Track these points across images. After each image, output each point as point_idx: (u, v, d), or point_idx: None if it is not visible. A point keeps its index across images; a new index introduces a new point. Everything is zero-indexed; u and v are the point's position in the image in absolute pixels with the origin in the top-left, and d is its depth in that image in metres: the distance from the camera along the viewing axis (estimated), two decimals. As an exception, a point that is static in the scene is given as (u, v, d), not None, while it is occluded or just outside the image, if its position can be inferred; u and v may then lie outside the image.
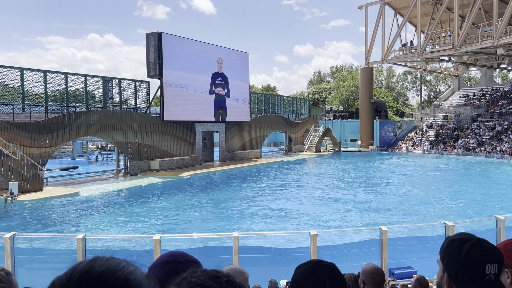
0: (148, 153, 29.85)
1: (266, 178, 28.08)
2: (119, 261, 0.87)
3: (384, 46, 51.28)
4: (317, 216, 16.85)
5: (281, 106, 48.66)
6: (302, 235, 10.19)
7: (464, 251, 1.54)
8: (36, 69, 24.64)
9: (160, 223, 15.96)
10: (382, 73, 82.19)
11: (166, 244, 8.16)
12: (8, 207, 18.56)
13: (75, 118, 25.08)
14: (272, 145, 61.46)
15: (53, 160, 38.22)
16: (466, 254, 1.53)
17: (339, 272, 1.62)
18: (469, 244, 1.55)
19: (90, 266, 0.83)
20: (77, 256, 7.91)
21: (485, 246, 1.56)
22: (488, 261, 1.52)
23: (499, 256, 1.56)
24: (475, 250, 1.54)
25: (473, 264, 1.52)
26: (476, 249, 1.54)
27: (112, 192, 22.67)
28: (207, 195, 21.99)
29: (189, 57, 32.43)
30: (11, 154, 20.72)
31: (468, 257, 1.53)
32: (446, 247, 1.62)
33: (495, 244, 1.64)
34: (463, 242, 1.57)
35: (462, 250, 1.54)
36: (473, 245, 1.55)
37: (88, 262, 0.85)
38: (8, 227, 14.80)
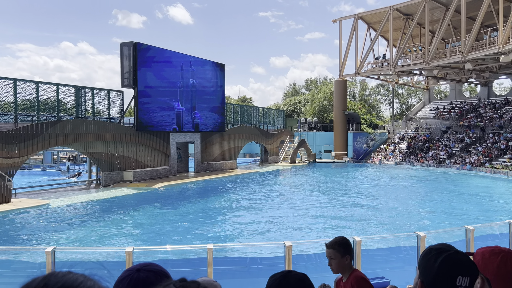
0: (121, 164, 29.36)
1: (242, 189, 28.00)
2: (76, 276, 0.82)
3: (357, 59, 52.36)
4: (292, 226, 16.88)
5: (256, 117, 48.83)
6: (277, 246, 10.18)
7: (439, 261, 1.57)
8: (6, 77, 24.00)
9: (133, 235, 15.66)
10: (356, 86, 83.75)
11: (139, 257, 8.00)
12: (-27, 220, 17.85)
13: (46, 127, 24.47)
14: (247, 155, 61.48)
15: (22, 171, 37.14)
16: (440, 264, 1.56)
17: (309, 282, 1.64)
18: (445, 255, 1.58)
19: (44, 284, 0.78)
20: (46, 269, 7.66)
21: (460, 258, 1.58)
22: (460, 273, 1.55)
23: (473, 270, 1.58)
24: (449, 261, 1.57)
25: (445, 274, 1.55)
26: (450, 261, 1.57)
27: (83, 203, 22.13)
28: (182, 206, 21.75)
29: (164, 67, 32.26)
30: (-22, 165, 20.02)
31: (441, 267, 1.56)
32: (424, 255, 1.65)
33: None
34: (440, 252, 1.60)
35: (437, 260, 1.57)
36: (448, 256, 1.58)
37: (42, 279, 0.80)
38: (-27, 240, 14.22)
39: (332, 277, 4.71)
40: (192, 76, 35.32)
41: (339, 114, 53.90)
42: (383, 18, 49.12)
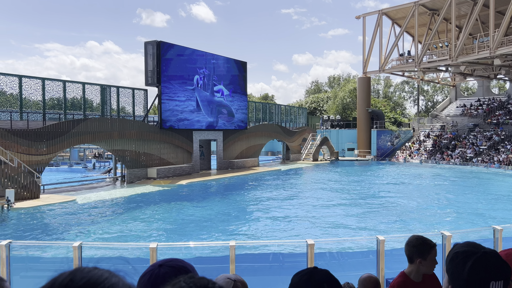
0: (145, 161, 29.81)
1: (264, 187, 28.04)
2: (101, 272, 0.83)
3: (381, 55, 51.61)
4: (315, 224, 16.81)
5: (278, 115, 48.75)
6: (299, 244, 10.15)
7: (468, 267, 1.47)
8: (35, 76, 24.67)
9: (157, 231, 15.89)
10: (380, 83, 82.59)
11: (162, 253, 8.12)
12: (4, 214, 18.46)
13: (72, 125, 25.06)
14: (269, 153, 61.47)
15: (50, 167, 38.12)
16: (470, 270, 1.47)
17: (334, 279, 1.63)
18: (473, 259, 1.48)
19: (70, 280, 0.79)
20: (73, 264, 7.86)
21: (490, 261, 1.48)
22: (492, 278, 1.45)
23: (505, 272, 1.47)
24: (479, 266, 1.47)
25: (476, 281, 1.45)
26: (480, 265, 1.47)
27: (109, 199, 22.59)
28: (205, 203, 21.93)
29: (187, 65, 32.54)
30: (8, 161, 20.67)
31: (471, 273, 1.46)
32: (451, 259, 1.56)
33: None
34: (467, 256, 1.50)
35: (466, 265, 1.48)
36: (477, 260, 1.48)
37: (69, 274, 0.81)
38: (4, 234, 14.70)
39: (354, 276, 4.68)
40: (215, 75, 35.52)
41: (363, 111, 53.27)
42: (408, 13, 48.22)
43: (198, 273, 1.51)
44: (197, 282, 0.92)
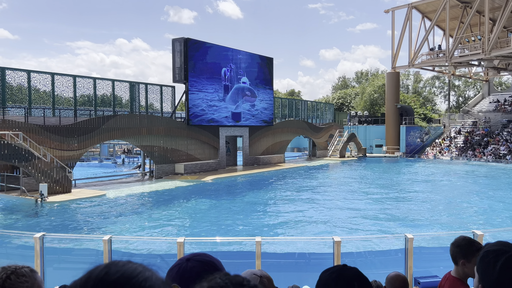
0: (173, 157, 30.23)
1: (290, 183, 27.98)
2: (135, 266, 0.85)
3: (411, 50, 50.51)
4: (342, 222, 16.67)
5: (305, 111, 48.48)
6: (325, 241, 10.10)
7: (499, 265, 1.44)
8: (66, 74, 25.37)
9: (184, 226, 16.11)
10: (409, 78, 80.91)
11: (189, 247, 8.23)
12: (38, 208, 19.10)
13: (102, 122, 25.65)
14: (295, 150, 61.25)
15: (81, 163, 39.15)
16: (501, 269, 1.44)
17: (364, 277, 1.60)
18: (504, 258, 1.46)
19: (105, 273, 0.81)
20: (103, 257, 8.06)
21: None
22: None
23: None
24: (510, 265, 1.44)
25: (507, 280, 1.43)
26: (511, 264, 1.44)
27: (137, 194, 23.04)
28: (231, 199, 22.08)
29: (214, 61, 32.74)
30: (42, 157, 21.35)
31: (502, 272, 1.44)
32: (481, 258, 1.54)
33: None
34: (499, 254, 1.48)
35: (497, 264, 1.45)
36: (508, 259, 1.45)
37: (104, 267, 0.83)
38: (38, 227, 15.22)
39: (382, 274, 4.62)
40: (241, 70, 35.61)
41: (391, 107, 52.34)
42: (439, 6, 46.96)
43: (224, 268, 1.53)
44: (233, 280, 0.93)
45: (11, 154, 19.84)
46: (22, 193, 20.78)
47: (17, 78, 23.26)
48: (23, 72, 23.51)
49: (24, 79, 23.45)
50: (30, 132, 21.91)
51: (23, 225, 15.91)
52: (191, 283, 1.12)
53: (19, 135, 20.90)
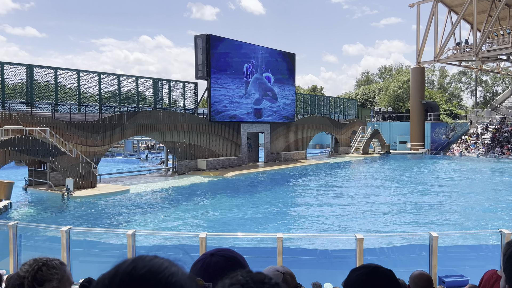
0: (195, 153, 30.49)
1: (312, 180, 27.86)
2: (162, 261, 0.86)
3: (436, 45, 49.45)
4: (365, 219, 16.51)
5: (327, 107, 48.12)
6: (348, 239, 10.02)
7: None
8: (91, 71, 25.85)
9: (206, 221, 16.25)
10: (434, 73, 79.28)
11: (211, 242, 8.29)
12: (64, 202, 19.59)
13: (127, 118, 26.06)
14: (317, 146, 60.89)
15: (106, 158, 39.91)
16: None
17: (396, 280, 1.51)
18: None
19: (133, 268, 0.83)
20: (127, 251, 8.21)
21: None
22: None
23: None
24: None
25: None
26: None
27: (161, 189, 23.35)
28: (253, 195, 22.14)
29: (236, 58, 32.79)
30: (68, 152, 21.85)
31: None
32: (508, 258, 1.49)
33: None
34: None
35: None
36: None
37: (131, 262, 0.85)
38: (64, 221, 15.61)
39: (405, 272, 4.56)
40: (263, 67, 35.57)
41: (416, 103, 51.41)
42: (466, 0, 45.78)
43: (247, 264, 1.53)
44: (254, 277, 0.93)
45: (38, 150, 20.36)
46: (49, 187, 21.34)
47: (45, 75, 23.84)
48: (50, 69, 24.08)
49: (51, 76, 24.01)
50: (57, 128, 22.46)
51: (50, 218, 16.34)
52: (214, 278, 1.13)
53: (46, 131, 21.45)
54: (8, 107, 22.01)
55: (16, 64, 22.76)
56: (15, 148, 19.47)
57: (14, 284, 1.57)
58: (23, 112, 22.31)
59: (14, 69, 22.52)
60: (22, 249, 9.37)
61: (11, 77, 22.48)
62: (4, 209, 16.59)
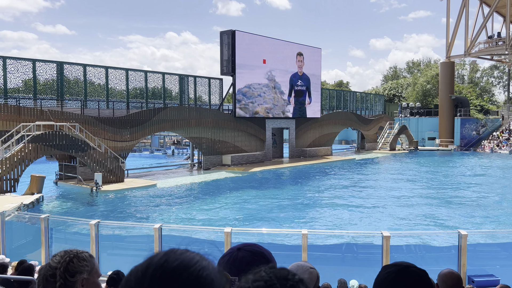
0: (220, 148, 30.68)
1: (337, 176, 27.63)
2: (193, 255, 0.88)
3: (467, 38, 48.07)
4: (391, 217, 16.27)
5: (353, 102, 47.56)
6: (374, 236, 9.91)
7: None
8: (119, 67, 26.32)
9: (231, 216, 16.35)
10: (465, 68, 77.13)
11: (236, 237, 8.34)
12: (93, 196, 20.07)
13: (153, 114, 26.44)
14: (343, 142, 60.28)
15: (133, 153, 40.63)
16: None
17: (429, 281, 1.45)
18: None
19: (165, 260, 0.85)
20: (154, 245, 8.35)
21: None
22: None
23: None
24: None
25: None
26: None
27: (187, 184, 23.63)
28: (277, 191, 22.13)
29: (261, 54, 32.74)
30: (96, 147, 22.36)
31: None
32: None
33: None
34: None
35: None
36: None
37: (163, 255, 0.86)
38: (93, 214, 16.00)
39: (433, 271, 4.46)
40: (288, 62, 35.40)
41: (445, 98, 50.19)
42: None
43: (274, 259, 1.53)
44: (277, 273, 0.92)
45: (68, 145, 20.91)
46: (79, 181, 21.89)
47: (74, 72, 24.44)
48: (79, 66, 24.66)
49: (80, 72, 24.59)
50: (86, 124, 23.00)
51: (79, 212, 16.78)
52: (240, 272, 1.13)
53: (76, 126, 22.00)
54: (39, 103, 22.68)
55: (47, 61, 23.41)
56: (47, 143, 20.05)
57: (46, 274, 1.62)
58: (54, 108, 22.95)
59: (45, 66, 23.18)
60: (53, 241, 9.67)
61: (42, 74, 23.16)
62: (36, 202, 17.13)
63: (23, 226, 11.60)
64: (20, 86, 22.56)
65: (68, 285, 1.60)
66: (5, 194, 17.71)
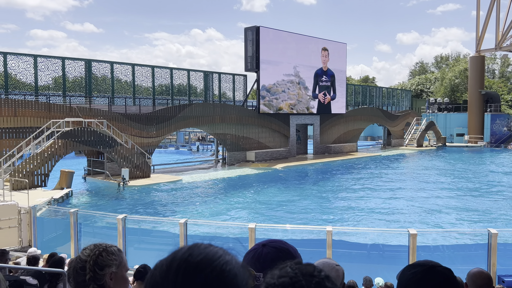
0: (244, 145, 30.77)
1: (363, 173, 27.31)
2: (216, 249, 0.89)
3: (498, 32, 46.59)
4: (418, 214, 15.99)
5: (379, 98, 46.88)
6: (400, 234, 9.77)
7: None
8: (145, 64, 26.71)
9: (255, 211, 16.40)
10: (496, 62, 74.81)
11: (260, 233, 8.37)
12: (120, 191, 20.48)
13: (179, 110, 26.75)
14: (369, 138, 59.52)
15: (159, 149, 41.22)
16: None
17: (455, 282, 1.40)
18: None
19: (189, 254, 0.86)
20: (179, 239, 8.46)
21: None
22: None
23: None
24: None
25: None
26: None
27: (211, 180, 23.83)
28: (301, 187, 22.05)
29: (286, 49, 32.60)
30: (123, 143, 22.78)
31: None
32: None
33: None
34: None
35: None
36: None
37: (187, 249, 0.88)
38: (120, 209, 16.32)
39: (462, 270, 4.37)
40: (313, 57, 35.13)
41: (475, 93, 48.83)
42: (532, -18, 42.71)
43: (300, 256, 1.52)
44: (303, 269, 0.92)
45: (96, 141, 21.40)
46: (106, 177, 22.38)
47: (102, 69, 24.96)
48: (106, 63, 25.14)
49: (107, 70, 25.09)
50: (113, 120, 23.46)
51: (107, 206, 17.15)
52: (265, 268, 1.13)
53: (103, 122, 22.47)
54: (68, 100, 23.28)
55: (75, 59, 23.96)
56: (75, 139, 20.58)
57: (76, 267, 1.67)
58: (82, 105, 23.51)
59: (74, 64, 23.74)
60: (81, 235, 9.92)
61: (71, 71, 23.74)
62: (66, 197, 17.62)
63: (53, 220, 11.95)
64: (50, 84, 23.19)
65: (97, 277, 1.64)
66: (36, 188, 18.26)
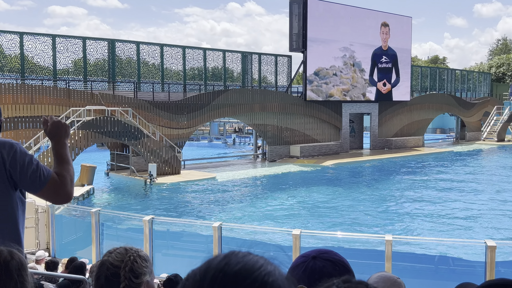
0: (288, 138, 30.69)
1: (430, 173, 26.70)
2: (256, 258, 0.88)
3: None
4: (496, 224, 15.48)
5: (452, 82, 45.57)
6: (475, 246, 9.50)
7: None
8: (175, 45, 27.14)
9: (300, 217, 16.40)
10: None
11: (305, 241, 8.36)
12: (147, 189, 21.01)
13: (213, 97, 26.92)
14: (438, 131, 57.99)
15: (191, 142, 41.91)
16: None
17: None
18: None
19: (226, 263, 0.86)
20: (213, 245, 8.60)
21: None
22: None
23: None
24: None
25: None
26: None
27: (249, 178, 24.00)
28: (354, 189, 21.82)
29: (339, 25, 32.16)
30: (151, 135, 23.25)
31: None
32: None
33: None
34: None
35: None
36: None
37: (224, 257, 0.88)
38: (147, 209, 16.76)
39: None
40: (370, 34, 34.49)
41: None
42: None
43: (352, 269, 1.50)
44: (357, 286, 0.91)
45: (121, 132, 21.92)
46: (132, 173, 22.94)
47: (126, 50, 25.54)
48: (132, 44, 25.73)
49: (133, 51, 25.64)
50: (139, 109, 23.91)
51: (132, 206, 17.66)
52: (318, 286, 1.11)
53: (128, 111, 22.96)
54: (90, 85, 23.94)
55: (97, 39, 24.66)
56: (97, 130, 21.17)
57: (107, 274, 1.68)
58: (105, 91, 24.13)
59: (96, 44, 24.43)
60: (104, 238, 10.27)
61: (93, 53, 24.43)
62: (87, 195, 18.26)
63: (73, 220, 12.44)
64: (69, 67, 23.98)
65: (133, 287, 1.65)
66: (55, 185, 19.03)
